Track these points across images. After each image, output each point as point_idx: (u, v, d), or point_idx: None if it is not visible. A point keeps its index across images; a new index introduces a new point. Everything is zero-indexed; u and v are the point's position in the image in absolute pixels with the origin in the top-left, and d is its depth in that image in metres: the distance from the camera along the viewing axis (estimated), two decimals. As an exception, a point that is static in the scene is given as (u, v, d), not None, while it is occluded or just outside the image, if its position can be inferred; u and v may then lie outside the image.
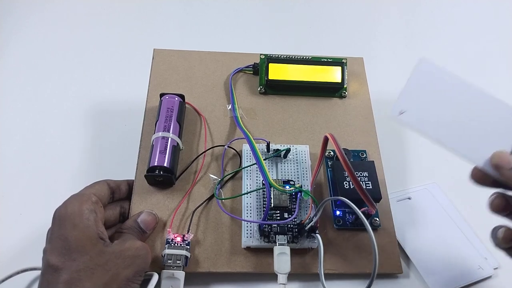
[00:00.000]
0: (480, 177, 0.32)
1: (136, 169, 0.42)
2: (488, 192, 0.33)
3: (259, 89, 0.49)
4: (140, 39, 0.60)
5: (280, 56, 0.49)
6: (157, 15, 0.64)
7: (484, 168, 0.32)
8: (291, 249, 0.37)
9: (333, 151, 0.44)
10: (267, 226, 0.38)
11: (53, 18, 0.62)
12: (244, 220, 0.39)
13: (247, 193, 0.40)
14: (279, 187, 0.39)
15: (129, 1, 0.65)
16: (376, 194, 0.40)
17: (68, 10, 0.63)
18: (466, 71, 0.59)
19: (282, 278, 0.36)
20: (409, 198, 0.45)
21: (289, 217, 0.38)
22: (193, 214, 0.40)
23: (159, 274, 0.36)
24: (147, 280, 0.35)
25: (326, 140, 0.35)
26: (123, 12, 0.64)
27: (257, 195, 0.40)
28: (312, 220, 0.36)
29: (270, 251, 0.37)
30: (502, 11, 0.69)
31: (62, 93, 0.53)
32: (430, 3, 0.69)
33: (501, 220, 0.33)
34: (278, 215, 0.39)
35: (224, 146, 0.44)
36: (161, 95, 0.45)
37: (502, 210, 0.31)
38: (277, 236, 0.37)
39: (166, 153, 0.40)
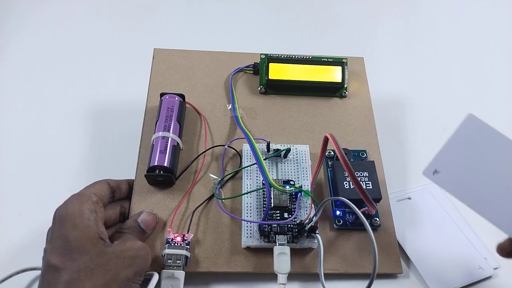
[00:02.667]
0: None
1: (136, 168, 0.42)
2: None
3: (259, 88, 0.49)
4: (140, 39, 0.60)
5: (281, 56, 0.49)
6: (157, 14, 0.64)
7: None
8: (291, 249, 0.37)
9: (333, 151, 0.44)
10: (267, 226, 0.38)
11: (53, 18, 0.62)
12: (244, 220, 0.38)
13: (247, 193, 0.40)
14: (279, 187, 0.39)
15: (129, 0, 0.65)
16: (376, 194, 0.40)
17: (68, 10, 0.63)
18: (466, 71, 0.60)
19: (282, 278, 0.36)
20: (409, 198, 0.45)
21: (289, 217, 0.38)
22: (193, 214, 0.40)
23: (159, 274, 0.36)
24: (147, 280, 0.35)
25: (326, 140, 0.35)
26: (123, 12, 0.64)
27: (257, 195, 0.40)
28: (312, 220, 0.36)
29: (270, 251, 0.37)
30: (503, 11, 0.68)
31: (62, 93, 0.53)
32: (430, 3, 0.69)
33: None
34: (278, 215, 0.39)
35: (224, 146, 0.44)
36: (161, 94, 0.45)
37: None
38: (277, 236, 0.37)
39: (166, 153, 0.40)
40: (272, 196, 0.39)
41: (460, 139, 0.30)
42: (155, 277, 0.35)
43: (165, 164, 0.40)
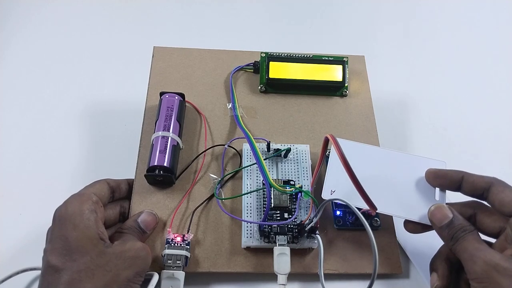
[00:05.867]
0: (414, 229, 0.37)
1: (136, 168, 0.42)
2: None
3: (259, 87, 0.49)
4: (140, 37, 0.60)
5: (281, 55, 0.48)
6: (157, 12, 0.64)
7: (421, 221, 0.37)
8: (291, 249, 0.37)
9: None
10: (267, 227, 0.38)
11: (52, 18, 0.62)
12: (244, 221, 0.38)
13: (247, 193, 0.40)
14: (279, 187, 0.39)
15: (128, -1, 0.65)
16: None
17: (67, 10, 0.63)
18: (466, 70, 0.59)
19: (282, 279, 0.36)
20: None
21: (289, 218, 0.38)
22: (193, 214, 0.39)
23: (159, 274, 0.36)
24: (147, 280, 0.35)
25: (326, 141, 0.35)
26: (122, 11, 0.64)
27: (257, 195, 0.40)
28: (313, 221, 0.36)
29: (270, 251, 0.37)
30: (503, 11, 0.68)
31: (62, 92, 0.53)
32: (431, 2, 0.69)
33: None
34: (278, 215, 0.39)
35: (224, 145, 0.44)
36: (161, 93, 0.45)
37: (414, 231, 0.38)
38: (277, 236, 0.37)
39: (166, 152, 0.40)
40: (272, 196, 0.39)
41: (335, 160, 0.35)
42: (155, 277, 0.35)
43: (165, 164, 0.40)
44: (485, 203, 0.35)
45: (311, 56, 0.49)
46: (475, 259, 0.30)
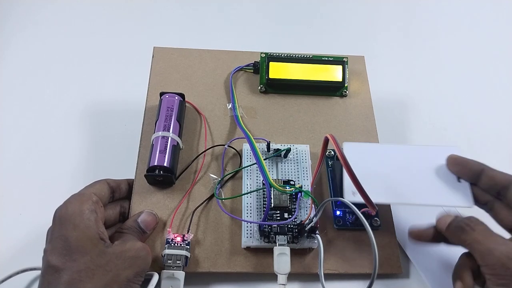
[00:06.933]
0: (418, 235, 0.36)
1: (136, 168, 0.42)
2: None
3: (259, 88, 0.49)
4: (140, 38, 0.60)
5: (281, 55, 0.48)
6: (157, 13, 0.64)
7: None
8: (291, 249, 0.37)
9: (334, 150, 0.44)
10: (267, 226, 0.38)
11: (52, 18, 0.62)
12: (244, 221, 0.38)
13: (247, 193, 0.40)
14: (279, 187, 0.39)
15: (128, -1, 0.65)
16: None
17: (67, 9, 0.63)
18: (466, 71, 0.60)
19: (282, 279, 0.36)
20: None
21: (289, 218, 0.38)
22: (193, 214, 0.40)
23: (159, 274, 0.36)
24: (147, 280, 0.35)
25: (326, 141, 0.35)
26: (122, 11, 0.64)
27: (257, 195, 0.40)
28: (312, 221, 0.36)
29: (270, 251, 0.37)
30: (503, 11, 0.68)
31: (62, 92, 0.53)
32: (431, 2, 0.69)
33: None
34: (278, 215, 0.39)
35: (224, 145, 0.44)
36: (161, 94, 0.45)
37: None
38: (277, 236, 0.37)
39: (166, 152, 0.40)
40: (272, 196, 0.39)
41: (351, 163, 0.35)
42: (155, 277, 0.35)
43: (165, 164, 0.40)
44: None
45: (311, 56, 0.49)
46: (495, 252, 0.29)
